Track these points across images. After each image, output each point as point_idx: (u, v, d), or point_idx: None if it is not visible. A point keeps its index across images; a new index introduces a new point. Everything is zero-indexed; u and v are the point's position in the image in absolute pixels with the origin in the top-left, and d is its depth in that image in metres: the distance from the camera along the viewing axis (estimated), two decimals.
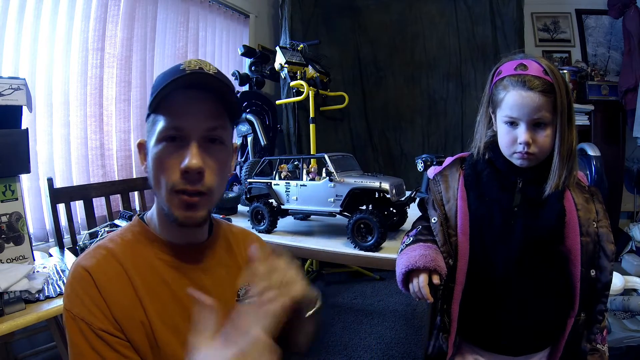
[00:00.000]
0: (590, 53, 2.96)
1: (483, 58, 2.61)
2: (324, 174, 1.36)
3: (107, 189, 1.78)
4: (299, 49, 2.36)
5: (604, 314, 0.83)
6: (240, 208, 1.91)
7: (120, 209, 1.82)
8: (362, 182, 1.28)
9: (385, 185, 1.24)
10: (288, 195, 1.44)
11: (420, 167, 1.47)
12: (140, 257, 0.60)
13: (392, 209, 1.43)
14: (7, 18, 1.49)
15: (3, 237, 1.15)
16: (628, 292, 1.63)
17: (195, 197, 0.57)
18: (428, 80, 2.79)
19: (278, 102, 2.56)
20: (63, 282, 1.14)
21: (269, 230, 1.47)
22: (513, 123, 0.80)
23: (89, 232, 1.53)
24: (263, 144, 2.25)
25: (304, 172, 1.42)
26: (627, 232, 2.46)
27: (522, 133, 0.78)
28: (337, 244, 1.33)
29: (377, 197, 1.31)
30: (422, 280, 0.80)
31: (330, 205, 1.33)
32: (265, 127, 2.43)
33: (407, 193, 1.38)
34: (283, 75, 2.31)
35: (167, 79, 0.56)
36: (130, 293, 0.56)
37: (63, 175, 1.75)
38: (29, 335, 1.49)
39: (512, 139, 0.80)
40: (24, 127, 1.23)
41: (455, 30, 2.70)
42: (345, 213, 1.33)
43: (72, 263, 0.58)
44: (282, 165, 1.50)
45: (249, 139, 2.32)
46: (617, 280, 1.58)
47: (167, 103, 0.57)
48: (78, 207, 1.75)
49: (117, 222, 1.57)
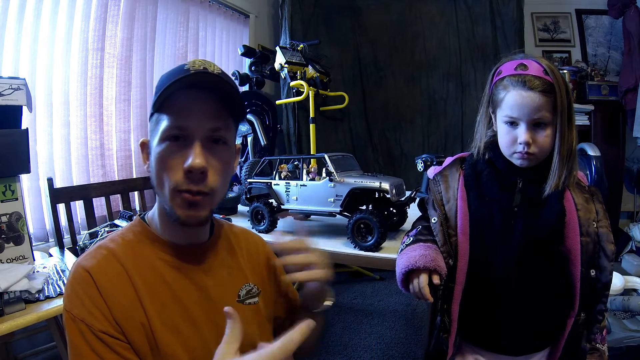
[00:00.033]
0: (590, 53, 2.96)
1: (483, 58, 2.61)
2: (324, 174, 1.36)
3: (107, 189, 1.78)
4: (299, 49, 2.36)
5: (604, 314, 0.83)
6: (240, 208, 1.91)
7: (120, 209, 1.82)
8: (362, 182, 1.28)
9: (385, 185, 1.24)
10: (288, 195, 1.44)
11: (420, 167, 1.47)
12: (141, 257, 0.59)
13: (392, 209, 1.43)
14: (7, 18, 1.49)
15: (3, 237, 1.15)
16: (628, 292, 1.63)
17: (198, 196, 0.57)
18: (428, 80, 2.79)
19: (278, 102, 2.56)
20: (63, 282, 1.14)
21: (269, 230, 1.47)
22: (513, 123, 0.80)
23: (89, 232, 1.53)
24: (263, 144, 2.25)
25: (304, 172, 1.42)
26: (627, 232, 2.46)
27: (522, 133, 0.78)
28: (337, 244, 1.33)
29: (377, 197, 1.31)
30: (422, 281, 0.80)
31: (330, 205, 1.33)
32: (265, 127, 2.43)
33: (407, 193, 1.38)
34: (283, 75, 2.31)
35: (171, 79, 0.55)
36: (131, 294, 0.56)
37: (63, 175, 1.75)
38: (29, 335, 1.49)
39: (512, 139, 0.80)
40: (24, 127, 1.23)
41: (455, 30, 2.70)
42: (345, 213, 1.33)
43: (72, 263, 0.58)
44: (282, 165, 1.50)
45: (249, 139, 2.32)
46: (617, 280, 1.58)
47: (170, 102, 0.56)
48: (78, 207, 1.75)
49: (117, 222, 1.57)
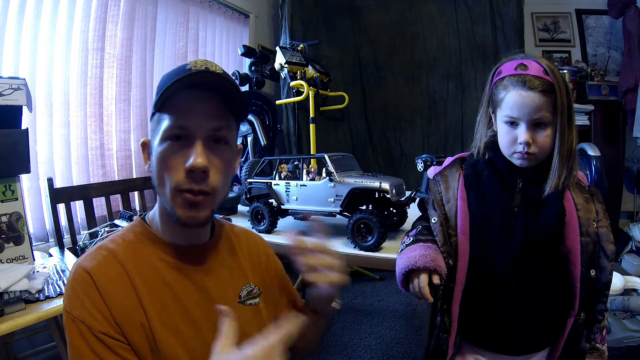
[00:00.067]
0: (590, 53, 2.96)
1: (483, 58, 2.61)
2: (324, 174, 1.36)
3: (107, 189, 1.78)
4: (299, 49, 2.36)
5: (604, 314, 0.83)
6: (240, 208, 1.91)
7: (120, 209, 1.82)
8: (362, 182, 1.28)
9: (385, 185, 1.24)
10: (288, 195, 1.44)
11: (420, 167, 1.47)
12: (142, 257, 0.59)
13: (392, 209, 1.43)
14: (7, 18, 1.49)
15: (3, 237, 1.15)
16: (628, 292, 1.63)
17: (199, 196, 0.56)
18: (428, 80, 2.79)
19: (278, 102, 2.56)
20: (63, 282, 1.14)
21: (269, 230, 1.47)
22: (513, 123, 0.79)
23: (89, 232, 1.53)
24: (263, 144, 2.25)
25: (304, 172, 1.42)
26: (627, 232, 2.45)
27: (522, 133, 0.78)
28: (337, 244, 1.33)
29: (377, 197, 1.31)
30: (422, 281, 0.80)
31: (330, 205, 1.33)
32: (265, 127, 2.43)
33: (407, 193, 1.38)
34: (283, 75, 2.31)
35: (172, 78, 0.55)
36: (131, 294, 0.55)
37: (63, 175, 1.75)
38: (29, 335, 1.49)
39: (512, 139, 0.80)
40: (24, 127, 1.23)
41: (455, 30, 2.70)
42: (345, 213, 1.33)
43: (72, 263, 0.58)
44: (282, 165, 1.50)
45: (249, 139, 2.32)
46: (617, 280, 1.58)
47: (172, 102, 0.56)
48: (78, 207, 1.75)
49: (117, 222, 1.57)
